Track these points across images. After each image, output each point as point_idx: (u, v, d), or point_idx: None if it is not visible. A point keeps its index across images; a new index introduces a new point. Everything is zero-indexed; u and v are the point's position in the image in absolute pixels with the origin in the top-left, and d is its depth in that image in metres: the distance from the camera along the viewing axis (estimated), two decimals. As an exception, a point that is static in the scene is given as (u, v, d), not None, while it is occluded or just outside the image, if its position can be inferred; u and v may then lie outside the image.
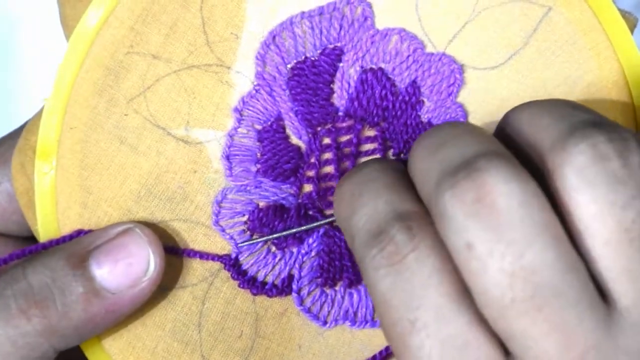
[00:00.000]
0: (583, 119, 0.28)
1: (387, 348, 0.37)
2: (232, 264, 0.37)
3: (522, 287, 0.26)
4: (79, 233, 0.36)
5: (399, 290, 0.28)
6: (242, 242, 0.37)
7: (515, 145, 0.30)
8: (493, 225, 0.27)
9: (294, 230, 0.37)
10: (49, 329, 0.33)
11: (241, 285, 0.37)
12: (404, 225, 0.28)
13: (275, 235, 0.37)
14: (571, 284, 0.27)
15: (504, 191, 0.27)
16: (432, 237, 0.28)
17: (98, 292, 0.34)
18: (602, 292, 0.28)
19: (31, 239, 0.42)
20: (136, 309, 0.35)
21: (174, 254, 0.37)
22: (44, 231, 0.37)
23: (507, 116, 0.31)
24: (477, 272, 0.27)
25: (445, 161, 0.28)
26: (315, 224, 0.37)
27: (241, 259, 0.37)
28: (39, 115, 0.37)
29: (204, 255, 0.37)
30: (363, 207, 0.30)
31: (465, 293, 0.28)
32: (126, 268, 0.34)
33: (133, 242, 0.35)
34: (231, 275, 0.37)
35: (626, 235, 0.27)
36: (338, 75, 0.36)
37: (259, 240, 0.37)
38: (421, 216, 0.29)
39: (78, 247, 0.35)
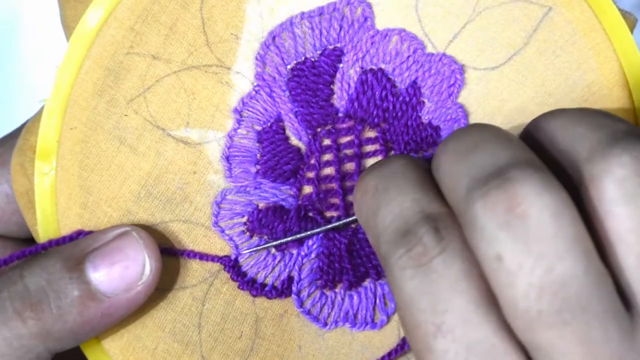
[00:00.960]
0: (621, 128, 0.28)
1: (389, 353, 0.37)
2: (232, 265, 0.37)
3: (550, 301, 0.26)
4: (79, 234, 0.36)
5: (425, 292, 0.28)
6: (244, 250, 0.37)
7: (545, 153, 0.30)
8: (524, 237, 0.26)
9: (295, 236, 0.36)
10: (44, 331, 0.33)
11: (241, 287, 0.37)
12: (432, 226, 0.28)
13: (276, 243, 0.37)
14: (598, 298, 0.26)
15: (536, 203, 0.26)
16: (460, 241, 0.28)
17: (94, 295, 0.34)
18: (626, 303, 0.27)
19: (31, 240, 0.42)
20: (133, 312, 0.35)
21: (173, 255, 0.37)
22: (44, 232, 0.37)
23: (537, 122, 0.31)
24: (505, 283, 0.26)
25: (477, 168, 0.28)
26: (317, 230, 0.36)
27: (241, 260, 0.37)
28: (38, 115, 0.37)
29: (203, 257, 0.37)
30: (389, 203, 0.29)
31: (492, 299, 0.27)
32: (122, 271, 0.34)
33: (129, 246, 0.34)
34: (231, 276, 0.37)
35: None
36: (338, 76, 0.36)
37: (259, 248, 0.37)
38: (449, 218, 0.29)
39: (75, 250, 0.35)
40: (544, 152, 0.30)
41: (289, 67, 0.36)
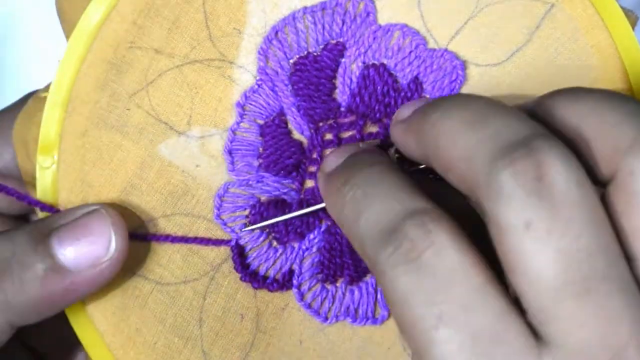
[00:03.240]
0: None
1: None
2: (238, 253, 0.37)
3: (577, 269, 0.26)
4: (52, 209, 0.36)
5: (420, 286, 0.27)
6: (244, 229, 0.37)
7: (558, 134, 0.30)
8: (552, 204, 0.26)
9: (293, 214, 0.36)
10: (5, 302, 0.33)
11: (243, 279, 0.37)
12: (418, 221, 0.28)
13: (275, 220, 0.36)
14: (619, 271, 0.26)
15: (563, 171, 0.26)
16: (448, 231, 0.28)
17: (58, 269, 0.33)
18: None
19: (21, 218, 0.42)
20: (98, 290, 0.35)
21: (183, 242, 0.37)
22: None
23: (550, 102, 0.30)
24: (531, 251, 0.26)
25: (498, 137, 0.27)
26: (311, 208, 0.36)
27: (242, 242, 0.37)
28: (28, 109, 0.37)
29: (210, 242, 0.37)
30: (371, 207, 0.29)
31: (494, 283, 0.27)
32: (87, 247, 0.34)
33: (96, 223, 0.34)
34: (235, 267, 0.37)
35: None
36: (340, 70, 0.36)
37: (260, 225, 0.36)
38: (435, 211, 0.28)
39: (42, 225, 0.35)
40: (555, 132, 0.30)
41: (291, 61, 0.36)
